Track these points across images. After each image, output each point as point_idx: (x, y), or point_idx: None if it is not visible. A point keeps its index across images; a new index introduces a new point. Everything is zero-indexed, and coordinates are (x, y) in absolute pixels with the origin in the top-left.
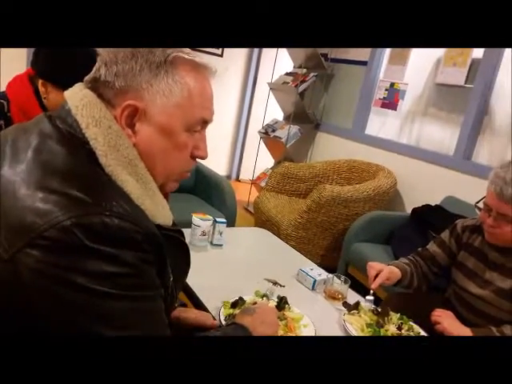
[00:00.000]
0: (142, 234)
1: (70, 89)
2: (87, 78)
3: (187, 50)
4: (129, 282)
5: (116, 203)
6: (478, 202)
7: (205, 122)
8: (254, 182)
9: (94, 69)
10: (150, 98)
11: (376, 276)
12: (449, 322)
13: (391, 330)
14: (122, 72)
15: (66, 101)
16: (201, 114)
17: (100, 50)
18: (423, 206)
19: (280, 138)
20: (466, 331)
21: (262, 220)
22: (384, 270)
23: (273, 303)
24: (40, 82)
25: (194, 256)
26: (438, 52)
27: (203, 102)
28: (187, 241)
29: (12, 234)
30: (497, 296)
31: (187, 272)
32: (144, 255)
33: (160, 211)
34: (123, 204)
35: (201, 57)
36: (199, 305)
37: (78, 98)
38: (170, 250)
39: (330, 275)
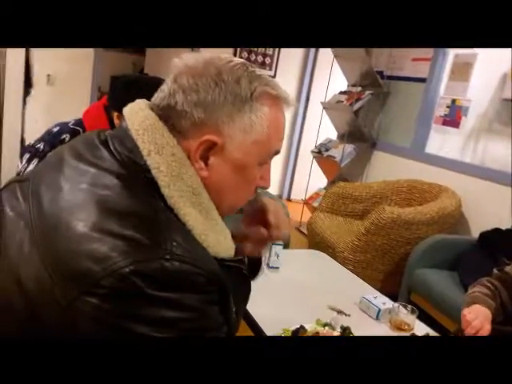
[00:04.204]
0: (205, 276)
1: (130, 105)
2: (157, 102)
3: (271, 81)
4: (194, 326)
5: (176, 243)
6: None
7: (276, 154)
8: (306, 202)
9: (167, 93)
10: (229, 133)
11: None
12: None
13: None
14: (204, 102)
15: (124, 120)
16: (275, 147)
17: (176, 75)
18: (492, 230)
19: (334, 157)
20: None
21: (316, 241)
22: (484, 328)
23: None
24: (115, 114)
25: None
26: (504, 67)
27: (279, 134)
28: None
29: (67, 280)
30: None
31: (248, 299)
32: (207, 296)
33: (222, 244)
34: (183, 243)
35: (280, 87)
36: (259, 332)
37: (138, 119)
38: (232, 281)
39: (396, 304)
